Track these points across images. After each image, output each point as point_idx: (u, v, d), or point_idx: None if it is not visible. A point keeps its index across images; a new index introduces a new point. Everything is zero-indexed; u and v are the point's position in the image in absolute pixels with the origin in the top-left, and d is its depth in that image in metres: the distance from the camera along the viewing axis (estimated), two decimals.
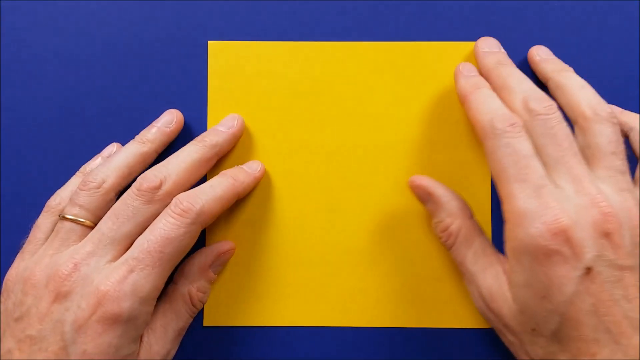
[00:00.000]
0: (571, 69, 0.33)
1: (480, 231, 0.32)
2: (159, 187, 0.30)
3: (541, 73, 0.34)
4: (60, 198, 0.33)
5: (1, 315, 0.30)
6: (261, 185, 0.35)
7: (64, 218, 0.31)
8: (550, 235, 0.26)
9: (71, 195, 0.31)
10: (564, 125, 0.29)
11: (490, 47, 0.34)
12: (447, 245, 0.32)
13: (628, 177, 0.29)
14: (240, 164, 0.35)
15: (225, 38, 0.35)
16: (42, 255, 0.30)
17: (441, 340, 0.34)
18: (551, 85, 0.33)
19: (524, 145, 0.28)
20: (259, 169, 0.34)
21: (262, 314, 0.35)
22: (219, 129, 0.34)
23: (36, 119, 0.35)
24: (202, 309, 0.35)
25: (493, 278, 0.30)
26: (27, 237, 0.32)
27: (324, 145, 0.35)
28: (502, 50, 0.34)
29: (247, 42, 0.35)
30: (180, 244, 0.29)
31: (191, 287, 0.33)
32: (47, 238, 0.32)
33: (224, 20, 0.35)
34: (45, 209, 0.33)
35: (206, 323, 0.35)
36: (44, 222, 0.32)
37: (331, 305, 0.35)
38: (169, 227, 0.29)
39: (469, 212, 0.32)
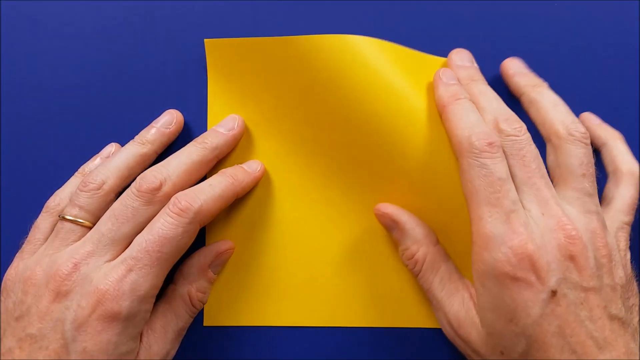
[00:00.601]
0: (545, 84, 0.33)
1: (446, 257, 0.32)
2: (158, 189, 0.30)
3: (514, 87, 0.34)
4: (59, 199, 0.33)
5: (1, 315, 0.30)
6: (261, 184, 0.35)
7: (63, 219, 0.31)
8: (517, 260, 0.27)
9: (71, 196, 0.32)
10: (532, 147, 0.30)
11: (462, 61, 0.34)
12: (414, 273, 0.33)
13: (596, 199, 0.30)
14: (240, 163, 0.35)
15: (225, 37, 0.35)
16: (42, 254, 0.30)
17: (441, 340, 0.34)
18: (524, 101, 0.33)
19: (499, 168, 0.28)
20: (258, 169, 0.34)
21: (262, 314, 0.35)
22: (219, 130, 0.34)
23: (36, 119, 0.36)
24: (202, 309, 0.35)
25: (459, 304, 0.31)
26: (26, 237, 0.32)
27: (323, 142, 0.35)
28: (475, 64, 0.34)
29: (244, 39, 0.34)
30: (179, 243, 0.29)
31: (190, 287, 0.33)
32: (46, 238, 0.32)
33: (224, 20, 0.35)
34: (44, 209, 0.33)
35: (206, 323, 0.35)
36: (43, 222, 0.32)
37: (331, 305, 0.35)
38: (167, 226, 0.29)
39: (434, 239, 0.33)
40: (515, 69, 0.34)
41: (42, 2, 0.35)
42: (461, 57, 0.34)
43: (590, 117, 0.35)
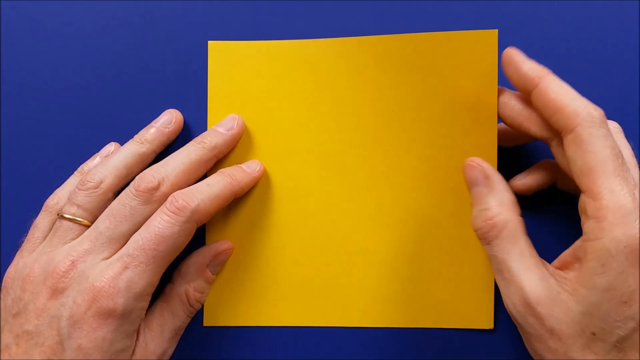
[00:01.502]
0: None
1: (526, 233, 0.30)
2: (156, 188, 0.30)
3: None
4: (58, 197, 0.33)
5: (0, 312, 0.30)
6: (261, 185, 0.35)
7: (62, 217, 0.31)
8: None
9: (69, 195, 0.32)
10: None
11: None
12: (485, 237, 0.30)
13: None
14: (240, 163, 0.35)
15: (225, 38, 0.35)
16: (41, 252, 0.31)
17: (441, 340, 0.34)
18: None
19: (615, 142, 0.27)
20: (257, 169, 0.34)
21: (262, 314, 0.35)
22: (218, 130, 0.34)
23: (36, 118, 0.36)
24: (202, 309, 0.35)
25: (539, 280, 0.28)
26: (26, 235, 0.33)
27: (323, 144, 0.35)
28: None
29: (247, 42, 0.35)
30: (175, 241, 0.29)
31: (188, 286, 0.33)
32: (45, 237, 0.32)
33: (224, 20, 0.35)
34: (43, 208, 0.33)
35: (206, 323, 0.35)
36: (42, 221, 0.33)
37: (331, 305, 0.35)
38: (163, 224, 0.29)
39: (519, 210, 0.30)
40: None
41: (42, 2, 0.36)
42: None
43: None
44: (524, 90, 0.30)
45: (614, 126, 0.32)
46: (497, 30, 0.32)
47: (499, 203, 0.30)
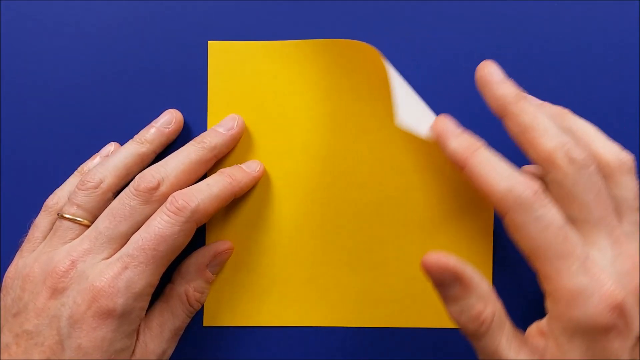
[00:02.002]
0: (570, 112, 0.30)
1: (506, 312, 0.28)
2: (156, 188, 0.30)
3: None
4: (58, 197, 0.33)
5: (0, 311, 0.30)
6: (261, 185, 0.35)
7: (62, 217, 0.31)
8: (609, 310, 0.25)
9: (69, 195, 0.32)
10: (600, 176, 0.27)
11: (500, 74, 0.29)
12: (476, 334, 0.27)
13: None
14: (240, 163, 0.35)
15: (225, 38, 0.35)
16: (41, 252, 0.31)
17: (441, 340, 0.34)
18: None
19: (556, 215, 0.26)
20: (257, 169, 0.34)
21: (262, 314, 0.35)
22: (218, 130, 0.34)
23: (36, 118, 0.36)
24: (202, 309, 0.35)
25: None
26: (26, 235, 0.33)
27: (323, 144, 0.35)
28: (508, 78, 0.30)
29: (247, 42, 0.35)
30: (175, 242, 0.29)
31: (188, 286, 0.33)
32: (44, 237, 0.32)
33: (224, 20, 0.35)
34: (43, 208, 0.33)
35: (206, 323, 0.35)
36: (41, 221, 0.33)
37: (331, 305, 0.35)
38: (163, 224, 0.29)
39: (494, 291, 0.28)
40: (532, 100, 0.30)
41: (42, 2, 0.36)
42: (494, 71, 0.29)
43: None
44: (459, 169, 0.28)
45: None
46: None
47: (479, 298, 0.27)
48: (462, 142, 0.28)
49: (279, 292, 0.35)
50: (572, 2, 0.35)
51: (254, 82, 0.35)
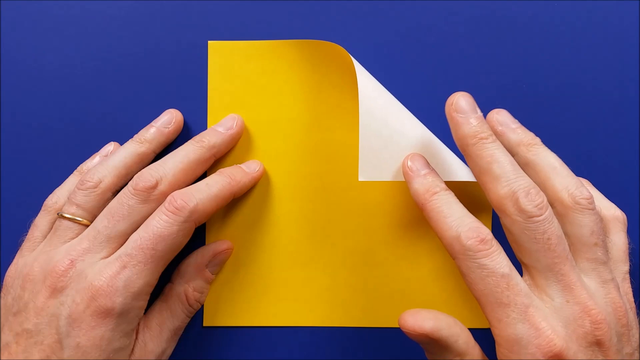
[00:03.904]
0: (539, 141, 0.31)
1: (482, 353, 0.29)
2: (154, 187, 0.30)
3: (505, 146, 0.30)
4: (57, 197, 0.33)
5: (1, 310, 0.30)
6: (261, 185, 0.35)
7: (61, 216, 0.31)
8: None
9: (69, 194, 0.32)
10: (556, 224, 0.27)
11: (465, 111, 0.29)
12: None
13: (609, 264, 0.28)
14: (239, 163, 0.35)
15: (225, 38, 0.35)
16: (40, 252, 0.31)
17: None
18: (518, 161, 0.29)
19: (499, 262, 0.26)
20: (257, 169, 0.34)
21: (262, 314, 0.35)
22: (217, 129, 0.34)
23: (36, 118, 0.36)
24: (202, 309, 0.35)
25: None
26: (26, 235, 0.33)
27: (323, 144, 0.35)
28: (479, 113, 0.29)
29: (247, 42, 0.35)
30: (173, 241, 0.29)
31: (187, 286, 0.33)
32: (44, 236, 0.32)
33: (224, 20, 0.35)
34: (42, 207, 0.33)
35: (206, 323, 0.35)
36: (41, 220, 0.33)
37: (330, 305, 0.35)
38: (162, 224, 0.29)
39: (472, 337, 0.29)
40: (503, 123, 0.31)
41: (42, 2, 0.36)
42: (462, 106, 0.29)
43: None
44: (421, 210, 0.30)
45: None
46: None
47: (456, 354, 0.28)
48: (424, 184, 0.29)
49: (278, 292, 0.35)
50: (572, 2, 0.35)
51: (254, 81, 0.35)
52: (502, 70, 0.35)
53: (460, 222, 0.27)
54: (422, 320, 0.28)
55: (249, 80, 0.35)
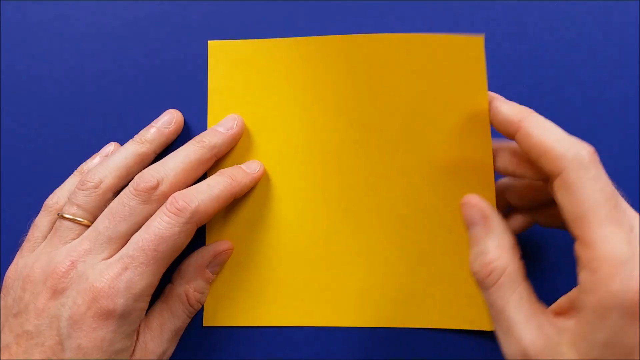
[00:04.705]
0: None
1: (526, 276, 0.27)
2: (155, 188, 0.30)
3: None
4: (57, 197, 0.33)
5: (1, 311, 0.30)
6: (261, 185, 0.35)
7: (62, 217, 0.31)
8: None
9: (69, 195, 0.32)
10: None
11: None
12: (484, 284, 0.27)
13: None
14: (240, 164, 0.35)
15: (225, 38, 0.35)
16: (41, 252, 0.31)
17: (441, 340, 0.34)
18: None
19: (609, 180, 0.25)
20: (257, 169, 0.34)
21: (262, 314, 0.35)
22: (218, 130, 0.34)
23: (36, 119, 0.36)
24: (202, 309, 0.35)
25: (537, 330, 0.26)
26: (26, 235, 0.33)
27: (323, 144, 0.35)
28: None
29: (247, 40, 0.35)
30: (175, 242, 0.29)
31: (188, 287, 0.33)
32: (45, 236, 0.32)
33: (224, 20, 0.35)
34: (43, 208, 0.33)
35: (206, 323, 0.35)
36: (41, 221, 0.33)
37: (331, 305, 0.35)
38: (163, 225, 0.29)
39: (519, 252, 0.28)
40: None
41: (42, 2, 0.36)
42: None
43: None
44: (507, 133, 0.29)
45: None
46: (483, 36, 0.31)
47: (497, 246, 0.27)
48: (515, 106, 0.29)
49: (278, 292, 0.35)
50: (572, 2, 0.35)
51: (254, 81, 0.35)
52: (502, 70, 0.35)
53: (566, 136, 0.26)
54: (483, 201, 0.29)
55: (249, 80, 0.35)
